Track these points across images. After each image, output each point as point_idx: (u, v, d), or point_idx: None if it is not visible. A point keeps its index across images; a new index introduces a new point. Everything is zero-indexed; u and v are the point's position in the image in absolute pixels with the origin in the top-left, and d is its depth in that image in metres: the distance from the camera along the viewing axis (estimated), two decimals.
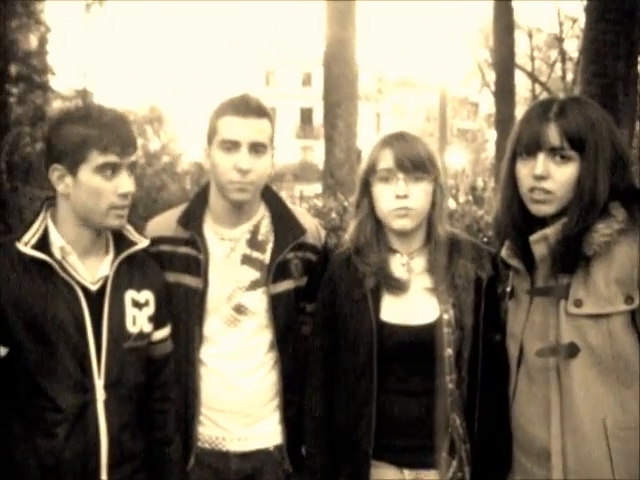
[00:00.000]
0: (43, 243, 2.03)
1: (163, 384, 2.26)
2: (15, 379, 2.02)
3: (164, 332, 2.27)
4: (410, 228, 2.19)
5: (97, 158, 1.98)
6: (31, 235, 2.03)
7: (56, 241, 2.04)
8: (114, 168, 2.00)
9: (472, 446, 2.18)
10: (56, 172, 2.02)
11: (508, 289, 2.17)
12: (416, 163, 2.14)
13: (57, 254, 2.02)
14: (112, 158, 1.99)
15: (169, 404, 2.27)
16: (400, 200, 2.14)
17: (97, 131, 1.98)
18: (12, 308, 1.97)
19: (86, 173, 1.99)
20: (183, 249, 2.34)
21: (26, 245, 2.00)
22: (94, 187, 2.00)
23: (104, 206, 2.02)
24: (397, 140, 2.18)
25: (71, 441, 2.00)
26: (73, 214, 2.06)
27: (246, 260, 2.36)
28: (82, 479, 2.03)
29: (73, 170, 2.00)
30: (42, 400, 2.00)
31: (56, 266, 2.01)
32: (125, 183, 2.03)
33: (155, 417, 2.24)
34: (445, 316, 2.16)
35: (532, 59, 28.03)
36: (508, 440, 2.12)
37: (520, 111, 14.31)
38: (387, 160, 2.16)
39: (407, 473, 2.20)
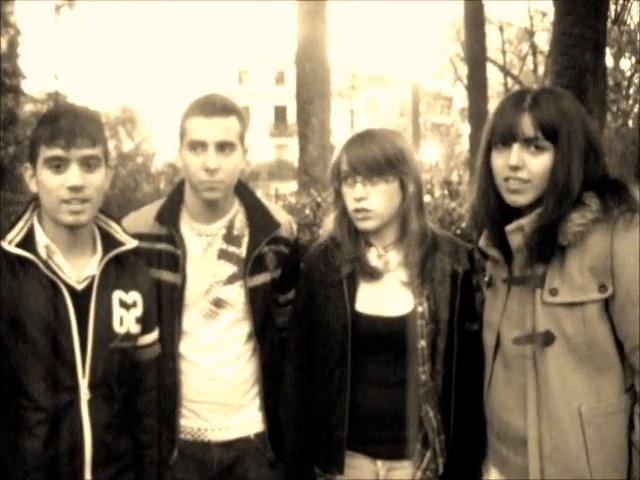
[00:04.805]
0: (28, 242, 2.03)
1: (150, 388, 2.25)
2: None
3: (151, 337, 2.26)
4: (372, 229, 2.22)
5: (45, 152, 1.98)
6: (15, 234, 2.03)
7: (41, 240, 2.04)
8: (61, 161, 1.98)
9: (447, 438, 2.20)
10: (28, 171, 2.05)
11: (486, 279, 2.19)
12: (370, 166, 2.15)
13: (42, 253, 2.02)
14: (57, 151, 1.97)
15: (155, 407, 2.26)
16: (358, 202, 2.17)
17: (46, 126, 1.99)
18: None
19: (39, 168, 2.00)
20: (160, 245, 2.36)
21: (10, 243, 2.00)
22: (43, 181, 2.00)
23: (55, 200, 1.99)
24: (353, 144, 2.21)
25: (53, 441, 1.99)
26: (46, 212, 2.06)
27: (223, 255, 2.38)
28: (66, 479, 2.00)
29: (34, 167, 2.02)
30: (24, 400, 1.99)
31: (40, 264, 2.00)
32: (73, 176, 1.97)
33: (143, 420, 2.23)
34: (419, 308, 2.18)
35: (503, 53, 28.09)
36: (484, 431, 2.13)
37: (493, 104, 14.38)
38: (344, 164, 2.21)
39: (380, 464, 2.23)
